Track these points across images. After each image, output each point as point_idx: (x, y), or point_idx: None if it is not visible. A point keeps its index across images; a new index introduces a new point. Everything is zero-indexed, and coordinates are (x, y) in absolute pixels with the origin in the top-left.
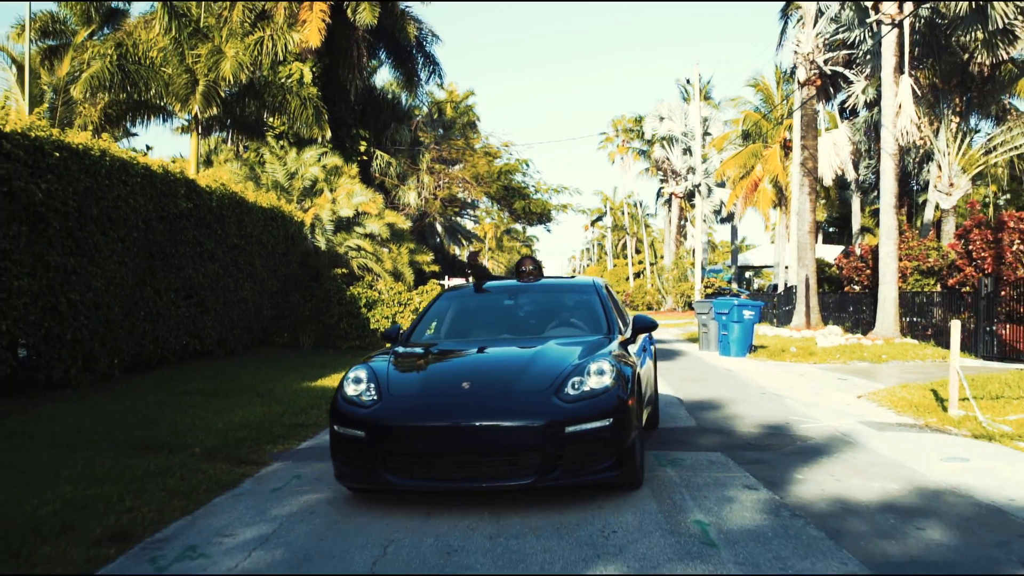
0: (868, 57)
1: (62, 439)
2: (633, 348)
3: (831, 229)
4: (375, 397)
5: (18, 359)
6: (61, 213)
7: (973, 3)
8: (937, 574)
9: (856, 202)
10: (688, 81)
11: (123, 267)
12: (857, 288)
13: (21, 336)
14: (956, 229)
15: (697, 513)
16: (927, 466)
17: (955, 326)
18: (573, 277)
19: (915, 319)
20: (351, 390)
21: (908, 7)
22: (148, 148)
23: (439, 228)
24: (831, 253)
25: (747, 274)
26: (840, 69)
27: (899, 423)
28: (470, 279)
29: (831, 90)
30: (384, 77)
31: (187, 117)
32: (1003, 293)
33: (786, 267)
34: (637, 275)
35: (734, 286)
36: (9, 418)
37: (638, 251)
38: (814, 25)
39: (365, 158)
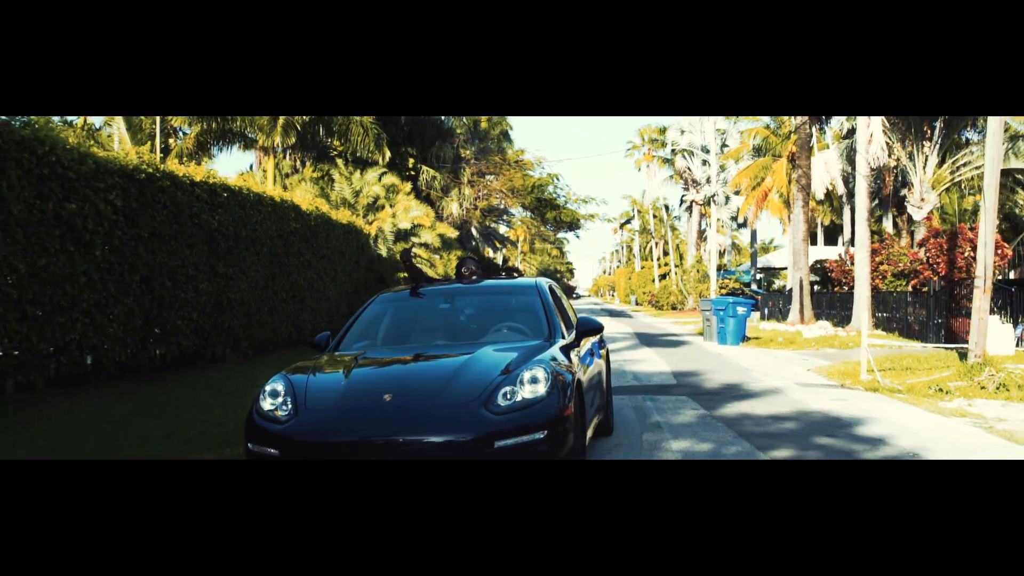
0: None
1: (245, 392)
2: (577, 353)
3: None
4: (291, 411)
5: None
6: (225, 235)
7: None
8: (774, 437)
9: (847, 212)
10: None
11: (257, 274)
12: (845, 288)
13: (203, 324)
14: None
15: (657, 417)
16: (815, 402)
17: (865, 317)
18: (517, 278)
19: (888, 315)
20: (267, 404)
21: None
22: (198, 163)
23: (475, 233)
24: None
25: (758, 276)
26: None
27: (822, 384)
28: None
29: (823, 115)
30: None
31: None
32: (955, 292)
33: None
34: (663, 276)
35: (753, 287)
36: (202, 378)
37: (666, 253)
38: None
39: (413, 173)
